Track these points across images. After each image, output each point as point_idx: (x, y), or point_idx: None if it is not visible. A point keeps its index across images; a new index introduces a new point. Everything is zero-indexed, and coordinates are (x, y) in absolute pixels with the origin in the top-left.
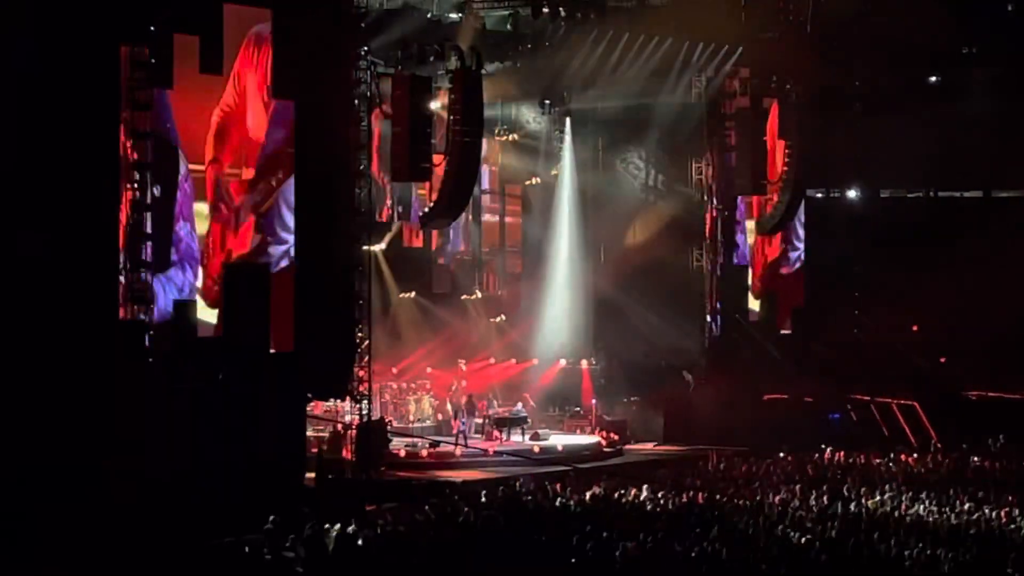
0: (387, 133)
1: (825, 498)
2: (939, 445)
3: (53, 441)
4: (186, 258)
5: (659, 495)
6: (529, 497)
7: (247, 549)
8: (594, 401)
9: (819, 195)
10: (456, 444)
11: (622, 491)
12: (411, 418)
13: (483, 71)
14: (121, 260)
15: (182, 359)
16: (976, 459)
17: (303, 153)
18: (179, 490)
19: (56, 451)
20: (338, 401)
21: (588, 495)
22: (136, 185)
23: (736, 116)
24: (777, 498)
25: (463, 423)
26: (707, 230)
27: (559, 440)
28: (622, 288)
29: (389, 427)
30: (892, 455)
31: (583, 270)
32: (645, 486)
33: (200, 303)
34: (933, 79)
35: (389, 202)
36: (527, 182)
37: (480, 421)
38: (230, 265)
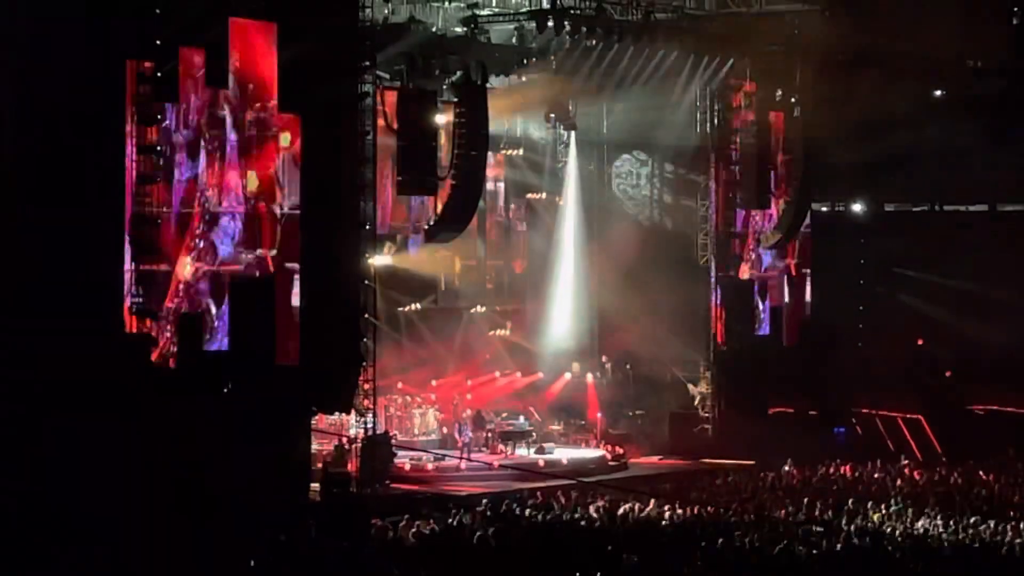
0: (392, 147)
1: (830, 512)
2: (945, 459)
3: (58, 454)
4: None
5: (664, 509)
6: (533, 511)
7: (252, 563)
8: (599, 414)
9: (824, 208)
10: (461, 458)
11: (627, 505)
12: (416, 431)
13: (488, 85)
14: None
15: (187, 372)
16: (982, 473)
17: (309, 166)
18: (182, 503)
19: (63, 464)
20: (343, 415)
21: (593, 509)
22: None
23: (741, 130)
24: (782, 512)
25: (468, 437)
26: (712, 244)
27: (564, 454)
28: (627, 302)
29: (394, 440)
30: (897, 469)
31: (588, 284)
32: (651, 500)
33: None
34: (938, 93)
35: (394, 216)
36: (532, 196)
37: (486, 435)
38: (235, 280)
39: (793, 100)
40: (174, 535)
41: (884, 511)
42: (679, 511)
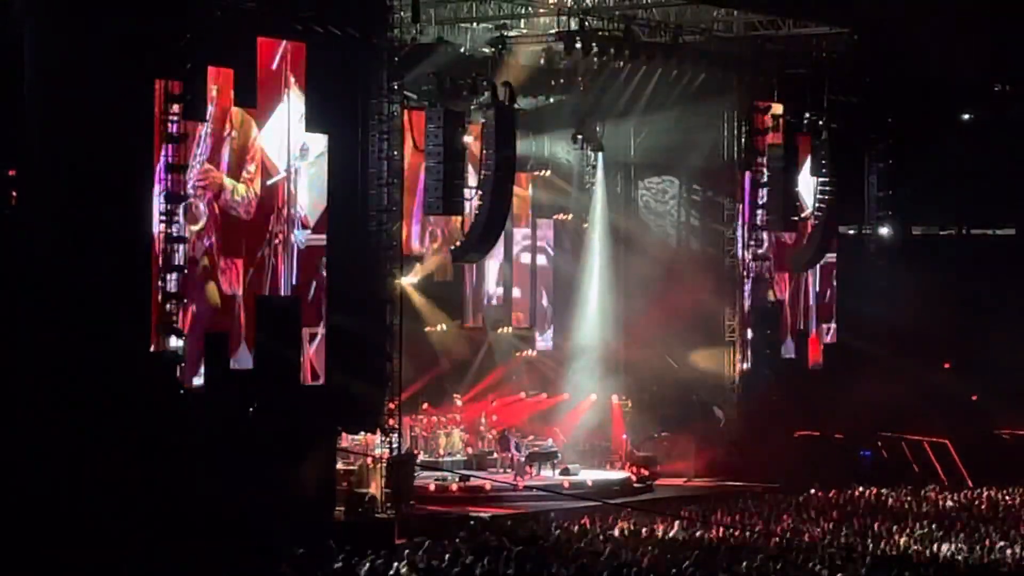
0: (420, 167)
1: (856, 536)
2: (970, 483)
3: (83, 472)
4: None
5: (689, 531)
6: (559, 532)
7: None
8: (624, 436)
9: (851, 231)
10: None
11: (652, 527)
12: (441, 452)
13: (515, 106)
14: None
15: (213, 391)
16: (1008, 498)
17: (335, 186)
18: (208, 523)
19: (86, 482)
20: (368, 434)
21: (617, 530)
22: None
23: (768, 152)
24: (807, 535)
25: (518, 453)
26: (739, 266)
27: (589, 475)
28: (653, 323)
29: (418, 461)
30: (923, 493)
31: (614, 305)
32: (675, 522)
33: None
34: (966, 116)
35: (421, 236)
36: (559, 217)
37: (511, 456)
38: (262, 298)
39: (820, 122)
40: (197, 554)
41: (909, 535)
42: (704, 534)
